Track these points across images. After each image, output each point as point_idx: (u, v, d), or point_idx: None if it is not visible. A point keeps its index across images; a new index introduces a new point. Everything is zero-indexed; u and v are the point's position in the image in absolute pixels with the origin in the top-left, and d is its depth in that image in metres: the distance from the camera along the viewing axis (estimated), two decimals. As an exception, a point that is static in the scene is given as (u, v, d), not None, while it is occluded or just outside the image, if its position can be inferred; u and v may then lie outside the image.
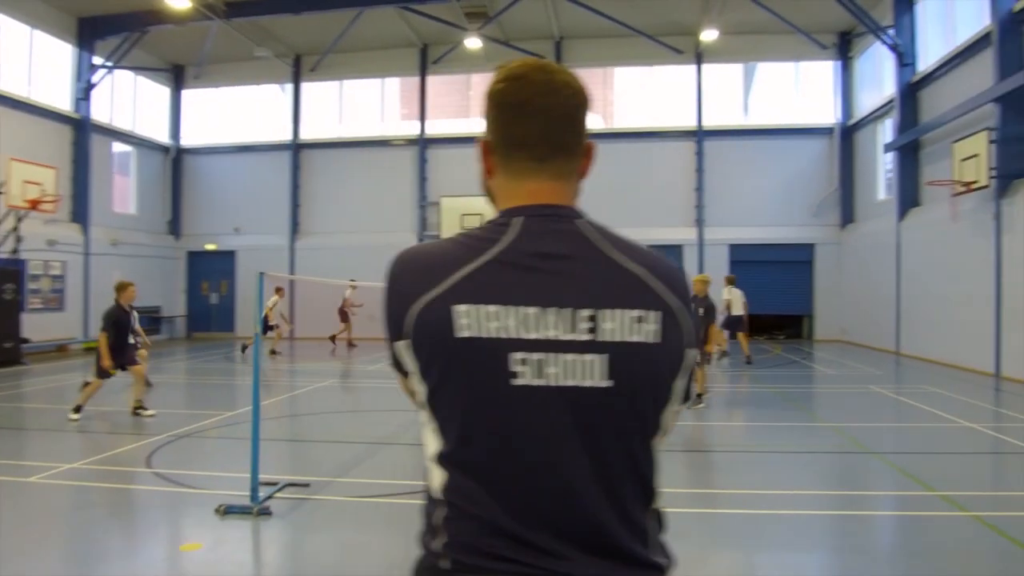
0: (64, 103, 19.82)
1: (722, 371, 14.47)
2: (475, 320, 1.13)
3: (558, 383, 1.13)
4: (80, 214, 19.93)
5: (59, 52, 19.74)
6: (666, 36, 21.22)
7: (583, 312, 1.14)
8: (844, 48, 21.48)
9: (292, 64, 23.88)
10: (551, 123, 1.23)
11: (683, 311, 1.20)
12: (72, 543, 4.98)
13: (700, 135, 22.19)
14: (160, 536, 5.28)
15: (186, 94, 24.93)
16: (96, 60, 20.25)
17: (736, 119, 22.75)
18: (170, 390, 12.31)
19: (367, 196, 23.50)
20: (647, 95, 23.21)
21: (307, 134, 24.19)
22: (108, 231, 20.99)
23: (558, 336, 1.13)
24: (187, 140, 24.92)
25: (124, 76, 22.41)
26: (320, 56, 22.67)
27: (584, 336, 1.14)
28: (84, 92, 20.00)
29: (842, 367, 15.38)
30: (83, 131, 20.04)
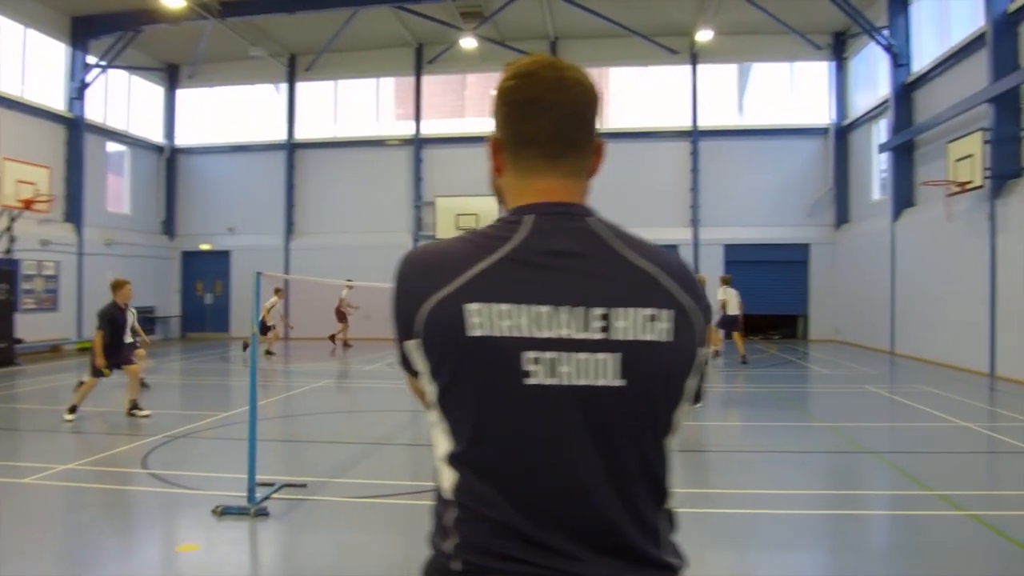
0: (58, 102, 19.73)
1: (717, 371, 14.51)
2: (487, 319, 1.11)
3: (571, 382, 1.11)
4: (74, 214, 19.85)
5: (53, 51, 19.65)
6: (661, 36, 21.25)
7: (596, 311, 1.13)
8: (839, 48, 21.56)
9: (287, 64, 23.83)
10: (562, 120, 1.22)
11: (695, 310, 1.19)
12: (67, 545, 4.94)
13: (695, 135, 22.23)
14: (156, 537, 5.26)
15: (180, 94, 24.86)
16: (90, 59, 20.17)
17: (731, 119, 22.82)
18: (165, 390, 12.26)
19: (362, 196, 23.45)
20: (642, 95, 23.23)
21: (302, 134, 24.14)
22: (102, 231, 20.91)
23: (571, 335, 1.12)
24: (181, 140, 24.84)
25: (118, 75, 22.32)
26: (315, 56, 22.64)
27: (597, 335, 1.12)
28: (78, 91, 19.92)
29: (837, 367, 15.41)
30: (77, 131, 19.95)
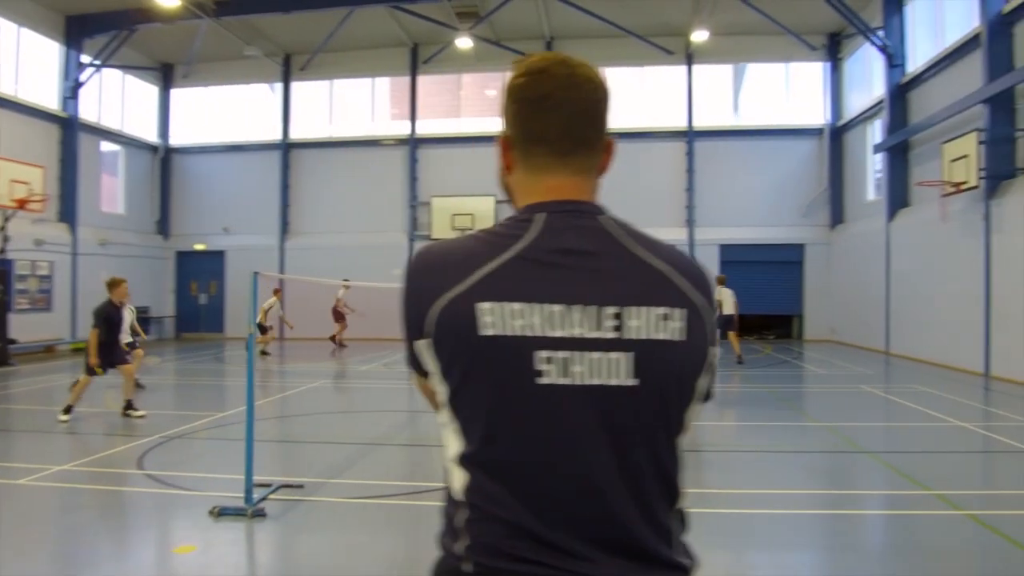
0: (52, 102, 19.64)
1: (714, 371, 14.50)
2: (499, 318, 1.10)
3: (584, 382, 1.11)
4: (68, 214, 19.77)
5: (47, 50, 19.56)
6: (657, 37, 21.27)
7: (609, 309, 1.12)
8: (834, 49, 21.62)
9: (282, 63, 23.77)
10: (573, 117, 1.21)
11: (707, 309, 1.19)
12: (63, 546, 4.91)
13: (690, 135, 22.27)
14: (153, 538, 5.23)
15: (175, 93, 24.76)
16: (84, 59, 20.08)
17: (726, 120, 22.86)
18: (160, 391, 12.20)
19: (357, 196, 23.41)
20: (638, 96, 23.25)
21: (297, 134, 24.08)
22: (96, 231, 20.82)
23: (584, 334, 1.11)
24: (176, 139, 24.75)
25: (112, 75, 22.22)
26: (310, 55, 22.59)
27: (610, 334, 1.12)
28: (72, 91, 19.83)
29: (832, 367, 15.45)
30: (71, 130, 19.87)
